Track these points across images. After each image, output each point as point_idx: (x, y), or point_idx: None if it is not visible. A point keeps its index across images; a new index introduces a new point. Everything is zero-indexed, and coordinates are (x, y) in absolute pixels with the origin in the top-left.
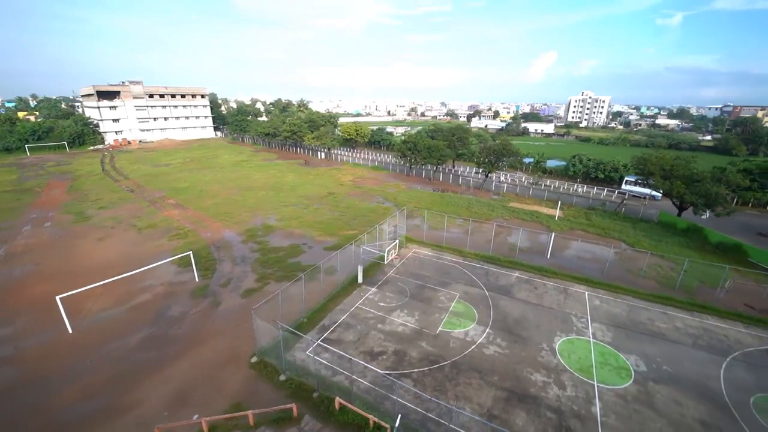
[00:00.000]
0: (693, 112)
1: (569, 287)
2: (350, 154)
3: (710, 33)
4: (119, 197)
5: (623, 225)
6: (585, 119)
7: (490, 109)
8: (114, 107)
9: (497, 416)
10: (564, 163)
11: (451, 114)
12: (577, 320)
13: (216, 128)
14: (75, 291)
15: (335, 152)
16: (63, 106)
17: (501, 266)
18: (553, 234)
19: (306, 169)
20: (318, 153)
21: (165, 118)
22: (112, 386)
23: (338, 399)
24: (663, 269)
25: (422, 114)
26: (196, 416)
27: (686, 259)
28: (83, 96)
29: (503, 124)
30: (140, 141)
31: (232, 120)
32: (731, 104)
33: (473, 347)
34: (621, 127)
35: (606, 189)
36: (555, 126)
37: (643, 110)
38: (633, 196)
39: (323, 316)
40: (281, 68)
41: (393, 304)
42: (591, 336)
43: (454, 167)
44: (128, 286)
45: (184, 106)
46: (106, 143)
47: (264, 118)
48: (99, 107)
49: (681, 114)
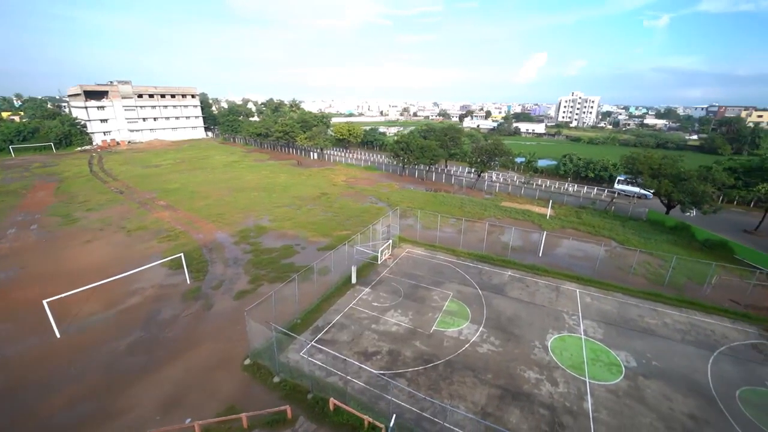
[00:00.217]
0: (680, 112)
1: (561, 285)
2: (343, 155)
3: (695, 35)
4: (108, 199)
5: (613, 223)
6: (575, 119)
7: (482, 109)
8: (102, 107)
9: (491, 414)
10: (555, 163)
11: (444, 114)
12: (569, 318)
13: (207, 128)
14: (62, 295)
15: (328, 152)
16: (49, 106)
17: (494, 265)
18: (545, 233)
19: (298, 170)
20: (311, 153)
21: (154, 119)
22: (102, 391)
23: (333, 400)
24: (652, 266)
25: (415, 114)
26: (189, 420)
27: (674, 257)
28: (70, 96)
29: (495, 124)
30: (129, 141)
31: (224, 120)
32: (716, 104)
33: (467, 346)
34: (610, 127)
35: (596, 188)
36: (546, 126)
37: (632, 110)
38: (626, 195)
39: (317, 317)
40: (273, 68)
41: (387, 304)
42: (582, 333)
43: (447, 167)
44: (118, 289)
45: (174, 106)
46: (94, 144)
47: (256, 119)
48: (86, 107)
49: (668, 114)
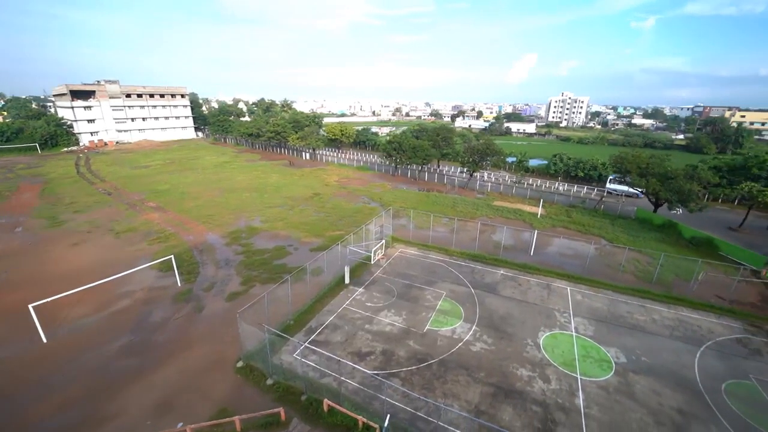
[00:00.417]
0: (666, 112)
1: (552, 283)
2: (335, 155)
3: (681, 36)
4: (95, 200)
5: (602, 222)
6: (565, 119)
7: (474, 109)
8: (89, 107)
9: (485, 412)
10: (545, 162)
11: (436, 114)
12: (560, 315)
13: (197, 129)
14: (49, 299)
15: (320, 153)
16: (34, 106)
17: (486, 264)
18: (536, 231)
19: (290, 170)
20: (303, 153)
21: (143, 119)
22: (92, 396)
23: (326, 401)
24: (641, 264)
25: (407, 114)
26: (181, 424)
27: (662, 254)
28: (55, 96)
29: (486, 124)
30: (117, 142)
31: (214, 120)
32: (701, 105)
33: (460, 344)
34: (599, 127)
35: (586, 187)
36: (536, 126)
37: (620, 110)
38: (617, 195)
39: (310, 318)
40: (264, 68)
41: (380, 304)
42: (573, 330)
43: (439, 167)
44: (106, 293)
45: (164, 106)
46: (81, 144)
47: (247, 119)
48: (73, 107)
49: (655, 114)
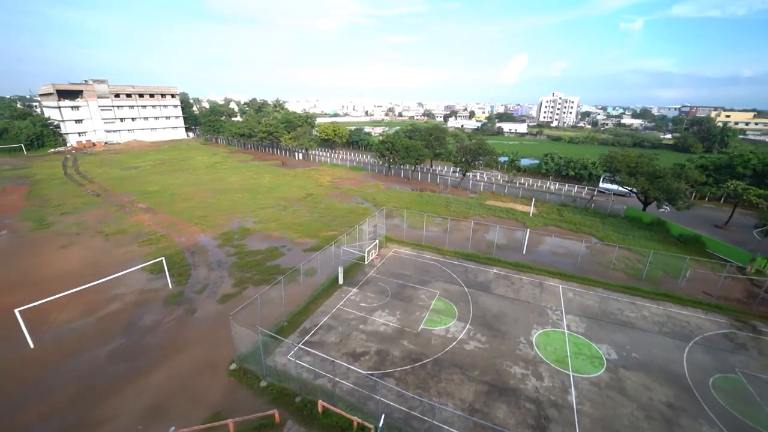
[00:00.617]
0: (654, 112)
1: (544, 281)
2: (328, 155)
3: (668, 38)
4: (84, 202)
5: (593, 220)
6: (556, 119)
7: (466, 110)
8: (76, 107)
9: (479, 410)
10: (537, 162)
11: (428, 114)
12: (553, 313)
13: (188, 129)
14: (36, 303)
15: (313, 153)
16: (19, 106)
17: (479, 263)
18: (528, 230)
19: (283, 171)
20: (295, 154)
21: (133, 119)
22: (81, 402)
23: (321, 402)
24: (630, 261)
25: (400, 114)
26: (173, 429)
27: (651, 251)
28: (42, 95)
29: (479, 124)
30: (106, 142)
31: (205, 120)
32: (688, 105)
33: (454, 343)
34: (589, 127)
35: (576, 186)
36: (528, 126)
37: (610, 110)
38: (613, 194)
39: (304, 319)
40: (255, 68)
41: (374, 304)
42: (566, 328)
43: (432, 167)
44: (96, 296)
45: (153, 106)
46: (69, 145)
47: (238, 119)
48: (60, 107)
49: (644, 114)
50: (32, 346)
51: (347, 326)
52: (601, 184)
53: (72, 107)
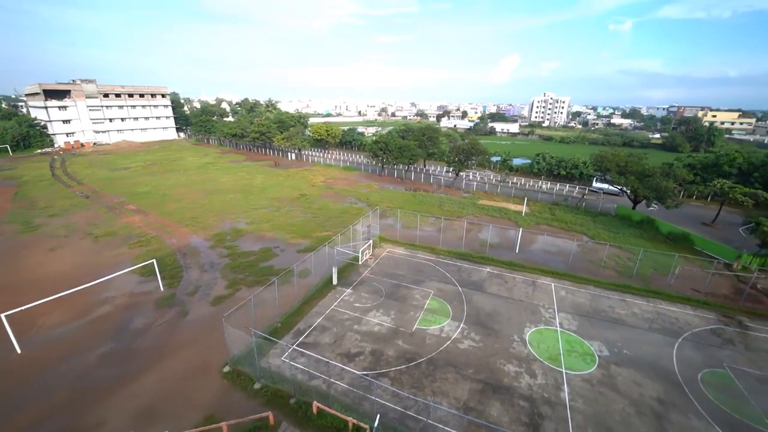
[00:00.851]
0: (643, 112)
1: (537, 280)
2: (321, 155)
3: (656, 39)
4: (72, 204)
5: (584, 219)
6: (547, 119)
7: (459, 110)
8: (64, 107)
9: (473, 408)
10: (529, 161)
11: (421, 114)
12: (545, 311)
13: (179, 129)
14: (23, 307)
15: (306, 153)
16: (4, 106)
17: (473, 262)
18: (521, 229)
19: (276, 171)
20: (288, 154)
21: (122, 119)
22: (71, 407)
23: (316, 403)
24: (621, 259)
25: (393, 114)
26: None
27: (641, 249)
28: (28, 95)
29: (471, 124)
30: (95, 143)
31: (196, 120)
32: (676, 105)
33: (448, 343)
34: (580, 127)
35: (568, 185)
36: (520, 126)
37: (600, 110)
38: (605, 193)
39: (298, 320)
40: (247, 68)
41: (368, 305)
42: (558, 325)
43: (425, 166)
44: (85, 299)
45: (143, 106)
46: (56, 146)
47: (230, 119)
48: (47, 107)
49: (633, 114)
50: (19, 352)
51: (341, 327)
52: (595, 184)
53: (59, 107)
